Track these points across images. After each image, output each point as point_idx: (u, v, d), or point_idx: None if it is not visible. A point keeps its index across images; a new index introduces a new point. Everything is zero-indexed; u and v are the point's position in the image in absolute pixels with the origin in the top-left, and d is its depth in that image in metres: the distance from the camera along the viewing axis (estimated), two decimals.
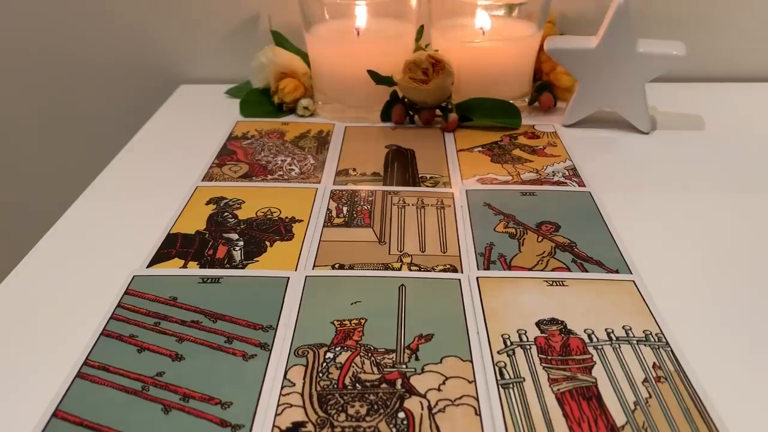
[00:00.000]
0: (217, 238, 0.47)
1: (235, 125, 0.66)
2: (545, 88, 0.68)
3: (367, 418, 0.33)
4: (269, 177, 0.56)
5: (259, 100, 0.69)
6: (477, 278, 0.43)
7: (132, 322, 0.39)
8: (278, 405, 0.34)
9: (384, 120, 0.67)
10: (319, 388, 0.34)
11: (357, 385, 0.35)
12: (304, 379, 0.35)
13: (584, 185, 0.54)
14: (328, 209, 0.51)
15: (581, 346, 0.37)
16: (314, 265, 0.44)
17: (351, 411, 0.33)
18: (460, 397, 0.34)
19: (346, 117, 0.67)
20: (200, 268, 0.44)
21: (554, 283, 0.42)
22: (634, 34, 0.60)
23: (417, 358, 0.36)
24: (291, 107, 0.69)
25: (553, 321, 0.39)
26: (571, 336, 0.38)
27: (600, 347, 0.37)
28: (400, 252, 0.46)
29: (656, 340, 0.38)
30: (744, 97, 0.73)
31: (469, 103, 0.65)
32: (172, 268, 0.44)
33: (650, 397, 0.34)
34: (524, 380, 0.35)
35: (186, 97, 0.75)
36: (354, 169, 0.57)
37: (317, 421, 0.33)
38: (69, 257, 0.46)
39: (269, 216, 0.50)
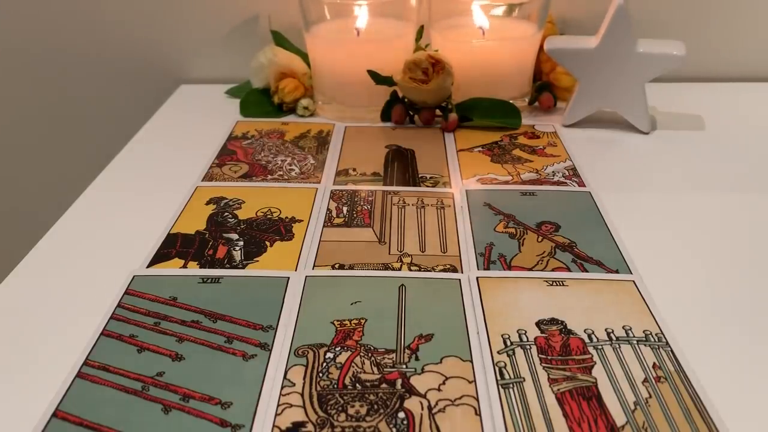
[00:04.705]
0: (217, 238, 0.47)
1: (235, 125, 0.66)
2: (545, 88, 0.68)
3: (367, 418, 0.33)
4: (269, 177, 0.56)
5: (259, 100, 0.69)
6: (477, 278, 0.43)
7: (132, 322, 0.39)
8: (278, 405, 0.34)
9: (384, 120, 0.67)
10: (319, 388, 0.35)
11: (357, 385, 0.35)
12: (304, 379, 0.35)
13: (584, 185, 0.54)
14: (328, 209, 0.51)
15: (581, 346, 0.37)
16: (314, 265, 0.44)
17: (351, 411, 0.33)
18: (460, 397, 0.34)
19: (346, 117, 0.67)
20: (200, 268, 0.44)
21: (554, 283, 0.42)
22: (634, 34, 0.60)
23: (417, 358, 0.36)
24: (291, 107, 0.69)
25: (553, 321, 0.39)
26: (571, 336, 0.38)
27: (600, 347, 0.37)
28: (400, 252, 0.46)
29: (656, 340, 0.38)
30: (744, 97, 0.73)
31: (469, 103, 0.65)
32: (172, 268, 0.44)
33: (650, 397, 0.34)
34: (524, 380, 0.35)
35: (186, 97, 0.75)
36: (354, 169, 0.57)
37: (317, 421, 0.33)
38: (69, 257, 0.46)
39: (269, 216, 0.50)
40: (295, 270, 0.44)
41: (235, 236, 0.48)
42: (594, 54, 0.61)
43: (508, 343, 0.37)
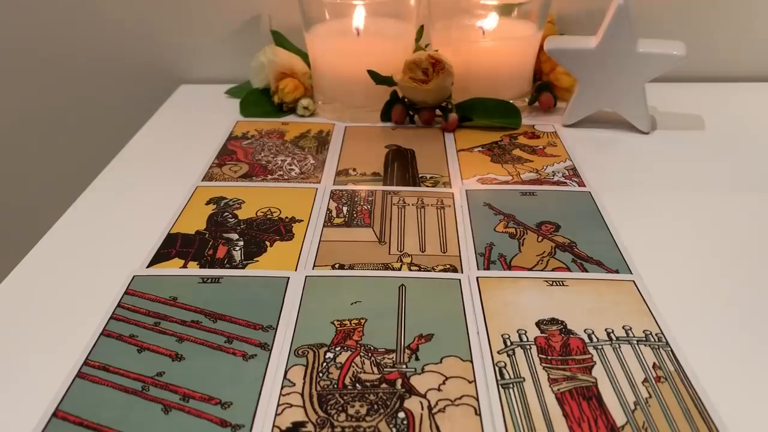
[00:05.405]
0: (217, 238, 0.47)
1: (235, 125, 0.66)
2: (545, 88, 0.68)
3: (367, 418, 0.33)
4: (269, 177, 0.56)
5: (259, 100, 0.69)
6: (477, 278, 0.43)
7: (132, 322, 0.39)
8: (278, 405, 0.34)
9: (384, 120, 0.67)
10: (319, 388, 0.35)
11: (357, 385, 0.35)
12: (304, 379, 0.35)
13: (584, 185, 0.54)
14: (328, 209, 0.51)
15: (581, 346, 0.37)
16: (314, 265, 0.45)
17: (351, 411, 0.33)
18: (460, 397, 0.34)
19: (346, 117, 0.67)
20: (200, 268, 0.44)
21: (554, 283, 0.42)
22: (634, 34, 0.60)
23: (417, 358, 0.36)
24: (291, 107, 0.69)
25: (553, 321, 0.39)
26: (571, 336, 0.38)
27: (600, 347, 0.37)
28: (400, 252, 0.46)
29: (656, 340, 0.38)
30: (744, 97, 0.73)
31: (469, 103, 0.65)
32: (172, 268, 0.44)
33: (650, 397, 0.34)
34: (524, 380, 0.35)
35: (186, 97, 0.75)
36: (354, 169, 0.57)
37: (317, 421, 0.33)
38: (69, 257, 0.46)
39: (269, 216, 0.50)
40: (295, 270, 0.44)
41: (235, 236, 0.48)
42: (594, 54, 0.61)
43: (508, 343, 0.37)
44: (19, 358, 0.37)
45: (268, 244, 0.47)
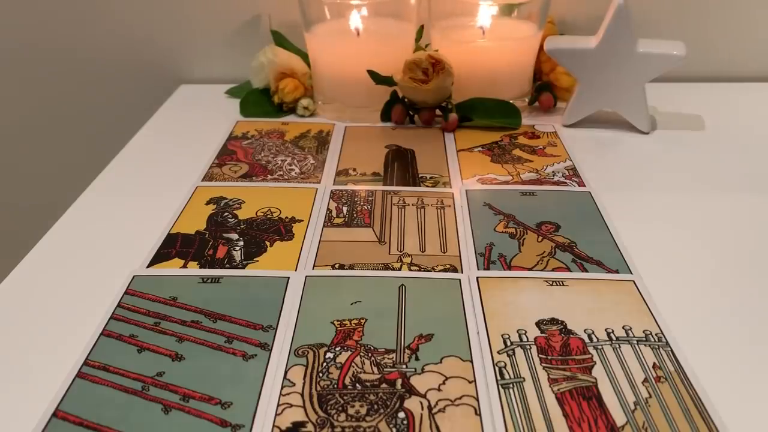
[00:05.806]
0: (217, 238, 0.47)
1: (235, 125, 0.66)
2: (545, 88, 0.68)
3: (367, 418, 0.33)
4: (269, 177, 0.56)
5: (259, 100, 0.69)
6: (477, 278, 0.43)
7: (132, 322, 0.39)
8: (278, 405, 0.34)
9: (384, 120, 0.67)
10: (319, 388, 0.35)
11: (357, 385, 0.35)
12: (304, 379, 0.35)
13: (584, 185, 0.54)
14: (328, 209, 0.51)
15: (581, 346, 0.37)
16: (314, 265, 0.45)
17: (351, 411, 0.33)
18: (460, 397, 0.34)
19: (346, 117, 0.67)
20: (200, 268, 0.44)
21: (554, 283, 0.42)
22: (634, 34, 0.60)
23: (417, 358, 0.36)
24: (291, 107, 0.69)
25: (553, 321, 0.39)
26: (571, 336, 0.38)
27: (600, 347, 0.37)
28: (400, 252, 0.46)
29: (656, 340, 0.38)
30: (744, 97, 0.73)
31: (469, 103, 0.65)
32: (172, 268, 0.44)
33: (650, 397, 0.34)
34: (524, 380, 0.35)
35: (186, 97, 0.75)
36: (354, 169, 0.57)
37: (317, 421, 0.33)
38: (69, 257, 0.46)
39: (269, 216, 0.50)
40: (295, 270, 0.44)
41: (235, 236, 0.48)
42: (594, 54, 0.61)
43: (508, 343, 0.37)
44: (19, 358, 0.37)
45: (268, 244, 0.47)
